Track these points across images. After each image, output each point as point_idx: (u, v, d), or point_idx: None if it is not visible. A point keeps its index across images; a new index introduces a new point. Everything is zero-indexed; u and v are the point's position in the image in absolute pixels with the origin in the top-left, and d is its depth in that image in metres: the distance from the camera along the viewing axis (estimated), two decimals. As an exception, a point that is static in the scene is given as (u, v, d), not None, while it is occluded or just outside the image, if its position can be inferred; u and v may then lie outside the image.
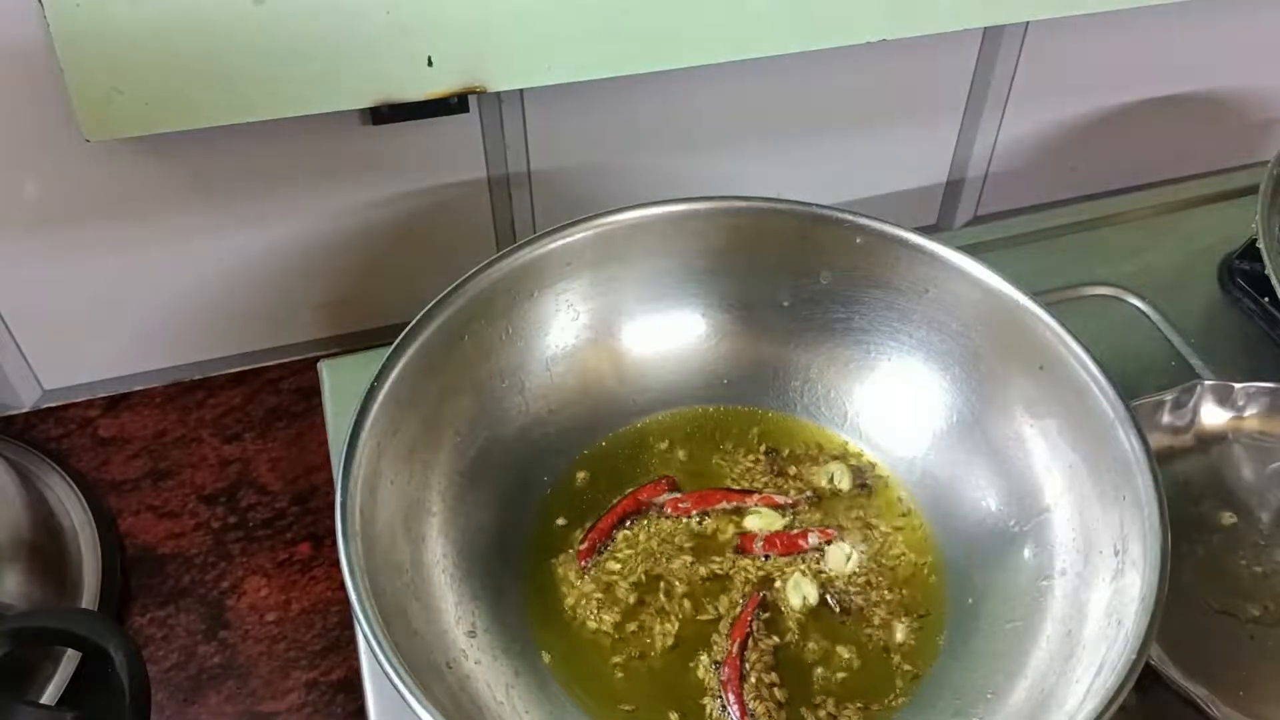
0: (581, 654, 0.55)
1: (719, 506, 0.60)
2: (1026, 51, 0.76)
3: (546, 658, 0.54)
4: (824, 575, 0.57)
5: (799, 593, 0.56)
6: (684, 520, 0.59)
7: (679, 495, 0.60)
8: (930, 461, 0.61)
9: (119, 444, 0.69)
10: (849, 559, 0.57)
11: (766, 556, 0.58)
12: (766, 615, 0.56)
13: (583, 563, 0.57)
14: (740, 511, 0.60)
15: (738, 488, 0.60)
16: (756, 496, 0.60)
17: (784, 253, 0.61)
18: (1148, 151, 0.87)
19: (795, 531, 0.58)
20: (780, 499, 0.60)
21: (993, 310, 0.58)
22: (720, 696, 0.53)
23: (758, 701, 0.53)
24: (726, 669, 0.53)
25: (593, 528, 0.58)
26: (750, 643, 0.54)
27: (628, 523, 0.59)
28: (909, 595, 0.57)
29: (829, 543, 0.58)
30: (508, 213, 0.73)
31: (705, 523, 0.59)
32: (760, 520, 0.59)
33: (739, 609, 0.56)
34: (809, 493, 0.60)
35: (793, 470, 0.61)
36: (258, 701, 0.59)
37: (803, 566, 0.57)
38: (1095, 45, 0.78)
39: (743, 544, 0.58)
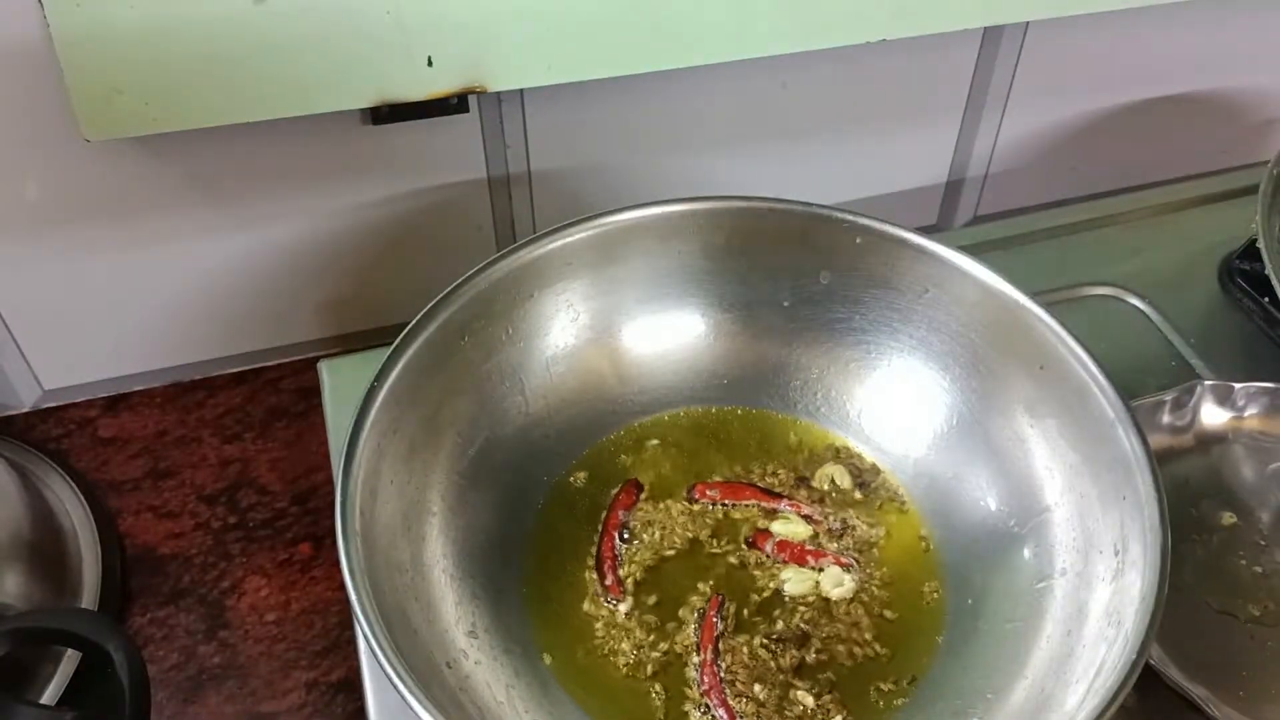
0: (582, 655, 0.55)
1: (745, 503, 0.60)
2: (1026, 51, 0.76)
3: (548, 659, 0.54)
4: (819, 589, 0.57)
5: (799, 586, 0.57)
6: (700, 509, 0.60)
7: (708, 482, 0.60)
8: (930, 461, 0.61)
9: (119, 444, 0.69)
10: (842, 584, 0.57)
11: (783, 563, 0.58)
12: (742, 611, 0.56)
13: (614, 597, 0.56)
14: (770, 514, 0.59)
15: (767, 488, 0.60)
16: (785, 501, 0.60)
17: (784, 253, 0.61)
18: (1148, 151, 0.87)
19: (812, 549, 0.58)
20: (808, 510, 0.59)
21: (993, 310, 0.58)
22: (709, 704, 0.53)
23: (744, 702, 0.52)
24: (705, 677, 0.53)
25: (599, 558, 0.57)
26: (721, 645, 0.54)
27: (624, 533, 0.59)
28: (901, 605, 0.57)
29: (843, 569, 0.57)
30: (508, 213, 0.73)
31: (723, 514, 0.60)
32: (788, 527, 0.59)
33: (701, 613, 0.56)
34: (837, 518, 0.60)
35: (824, 497, 0.60)
36: (258, 701, 0.59)
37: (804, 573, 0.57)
38: (1095, 45, 0.78)
39: (756, 540, 0.58)
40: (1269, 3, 0.80)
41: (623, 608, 0.56)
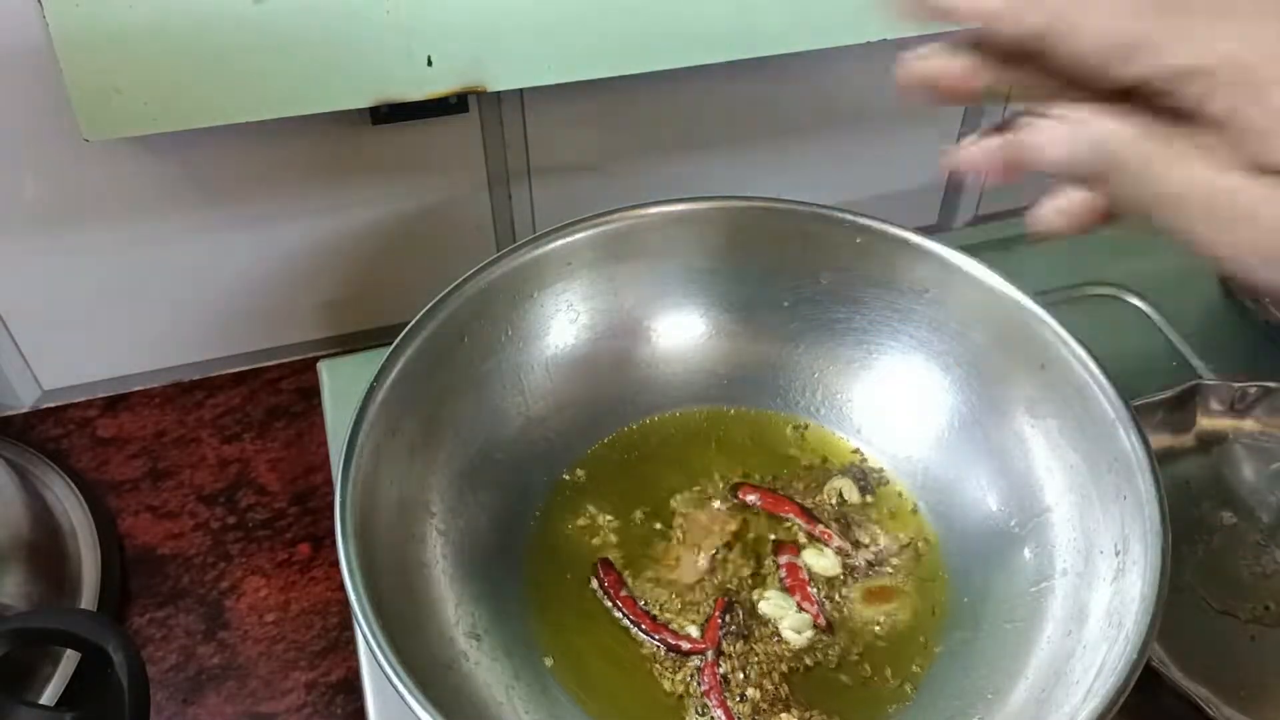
0: (582, 655, 0.55)
1: (784, 515, 0.59)
2: (1026, 51, 0.76)
3: (549, 662, 0.54)
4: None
5: (772, 609, 0.56)
6: (734, 511, 0.60)
7: (753, 484, 0.60)
8: (931, 461, 0.61)
9: (118, 444, 0.69)
10: (800, 634, 0.55)
11: (779, 582, 0.57)
12: (743, 616, 0.56)
13: (706, 648, 0.55)
14: (809, 535, 0.59)
15: (811, 510, 0.60)
16: (822, 527, 0.59)
17: (784, 253, 0.61)
18: (1148, 151, 0.87)
19: (806, 591, 0.56)
20: (841, 545, 0.58)
21: (993, 310, 0.58)
22: (707, 704, 0.53)
23: (742, 704, 0.52)
24: (705, 678, 0.53)
25: (659, 639, 0.55)
26: (725, 648, 0.54)
27: (645, 602, 0.57)
28: (901, 605, 0.57)
29: (815, 625, 0.55)
30: (508, 213, 0.73)
31: (751, 518, 0.60)
32: (820, 561, 0.58)
33: (709, 614, 0.55)
34: (866, 555, 0.59)
35: (865, 538, 0.59)
36: (257, 702, 0.59)
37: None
38: (1095, 45, 0.78)
39: (778, 549, 0.58)
40: (1269, 3, 0.80)
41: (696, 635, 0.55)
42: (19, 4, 0.54)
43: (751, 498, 0.60)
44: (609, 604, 0.56)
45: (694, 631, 0.55)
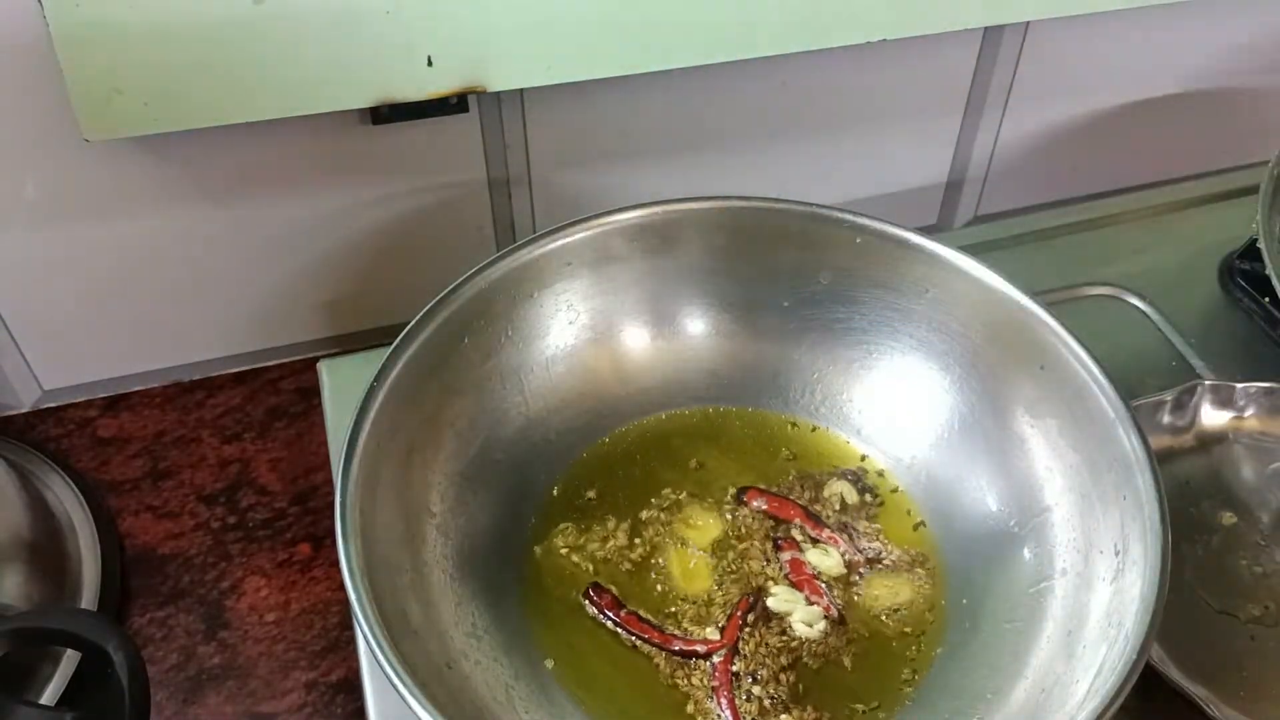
0: (582, 655, 0.55)
1: (792, 521, 0.59)
2: (1026, 51, 0.76)
3: (549, 664, 0.54)
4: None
5: (781, 605, 0.56)
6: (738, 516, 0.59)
7: (759, 488, 0.60)
8: (930, 461, 0.61)
9: (118, 444, 0.69)
10: (812, 627, 0.55)
11: (786, 579, 0.57)
12: (757, 615, 0.56)
13: (721, 645, 0.55)
14: (812, 539, 0.59)
15: (816, 514, 0.59)
16: (828, 532, 0.59)
17: (784, 253, 0.61)
18: (1148, 151, 0.87)
19: (814, 585, 0.57)
20: (847, 549, 0.58)
21: (993, 310, 0.58)
22: (714, 700, 0.53)
23: (749, 703, 0.52)
24: (717, 674, 0.53)
25: (672, 652, 0.55)
26: (740, 646, 0.54)
27: (647, 619, 0.56)
28: (901, 606, 0.57)
29: (826, 615, 0.56)
30: (508, 213, 0.73)
31: (754, 519, 0.59)
32: (824, 560, 0.58)
33: (730, 612, 0.55)
34: (868, 555, 0.59)
35: (866, 540, 0.59)
36: (257, 702, 0.59)
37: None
38: (1095, 45, 0.78)
39: (779, 546, 0.58)
40: (1269, 3, 0.80)
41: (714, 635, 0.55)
42: (19, 4, 0.54)
43: (758, 502, 0.60)
44: (611, 626, 0.55)
45: (710, 633, 0.55)
